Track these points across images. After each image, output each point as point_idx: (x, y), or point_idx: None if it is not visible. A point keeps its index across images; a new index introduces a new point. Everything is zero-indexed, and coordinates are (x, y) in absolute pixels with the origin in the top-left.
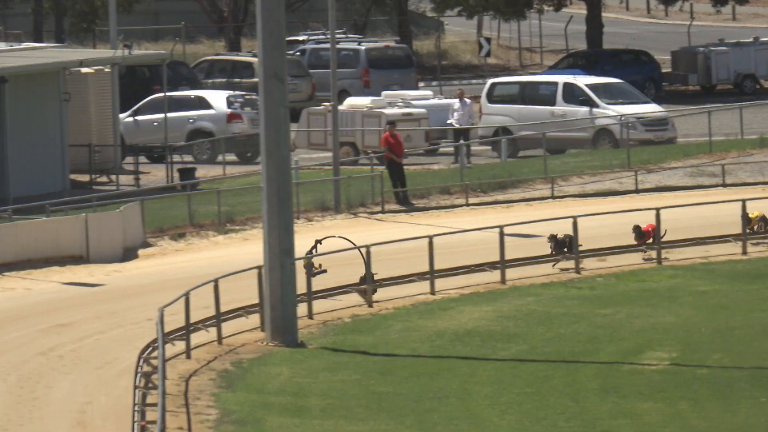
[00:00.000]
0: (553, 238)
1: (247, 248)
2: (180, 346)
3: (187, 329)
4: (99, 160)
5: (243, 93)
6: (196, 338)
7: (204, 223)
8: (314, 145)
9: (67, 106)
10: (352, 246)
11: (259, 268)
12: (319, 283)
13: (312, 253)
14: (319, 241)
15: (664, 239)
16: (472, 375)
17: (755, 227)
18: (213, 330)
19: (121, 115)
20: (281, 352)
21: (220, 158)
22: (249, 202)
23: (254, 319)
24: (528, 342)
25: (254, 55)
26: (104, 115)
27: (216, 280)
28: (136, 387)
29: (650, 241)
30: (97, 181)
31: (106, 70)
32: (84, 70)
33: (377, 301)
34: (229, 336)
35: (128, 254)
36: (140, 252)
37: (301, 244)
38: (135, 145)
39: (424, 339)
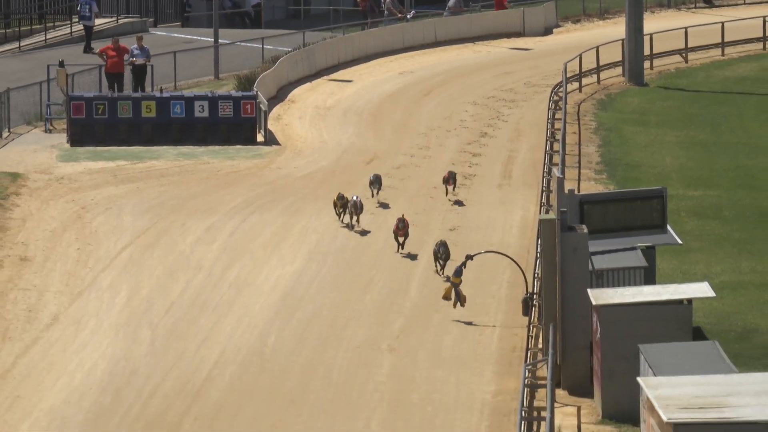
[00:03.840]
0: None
1: (615, 29)
2: (575, 85)
3: (580, 77)
4: None
5: None
6: (584, 81)
7: (591, 14)
8: None
9: None
10: (507, 256)
11: (622, 40)
12: (659, 45)
13: (462, 270)
14: (470, 257)
15: None
16: (744, 104)
17: None
18: (595, 75)
19: None
20: (634, 89)
21: None
22: (618, 1)
23: (619, 70)
24: None
25: None
26: None
27: (597, 47)
28: (549, 109)
29: None
30: None
31: None
32: None
33: (691, 59)
34: (604, 79)
35: (547, 31)
36: (554, 30)
37: (647, 26)
38: None
39: (718, 81)
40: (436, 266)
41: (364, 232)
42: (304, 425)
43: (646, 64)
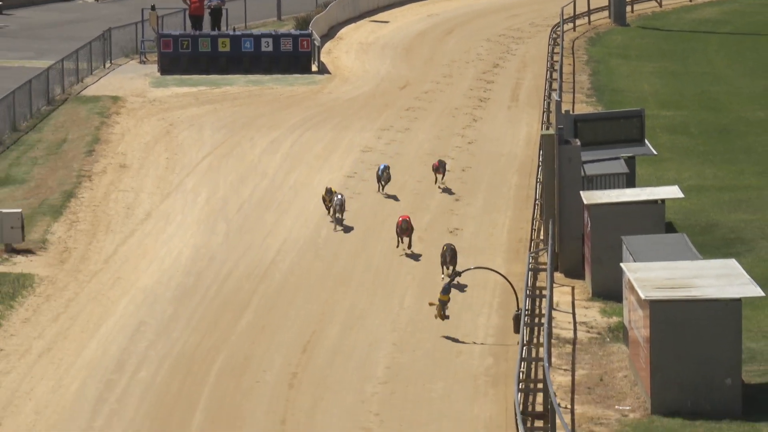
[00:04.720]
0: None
1: None
2: (570, 25)
3: (574, 19)
4: None
5: None
6: (578, 22)
7: None
8: None
9: None
10: (499, 273)
11: None
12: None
13: (450, 288)
14: (459, 274)
15: None
16: (708, 42)
17: None
18: (586, 18)
19: None
20: (618, 29)
21: None
22: None
23: (606, 13)
24: (734, 25)
25: None
26: None
27: None
28: (549, 45)
29: None
30: None
31: None
32: None
33: (665, 4)
34: (594, 21)
35: None
36: None
37: None
38: None
39: (686, 23)
40: (443, 270)
41: (399, 144)
42: (350, 302)
43: (628, 8)
